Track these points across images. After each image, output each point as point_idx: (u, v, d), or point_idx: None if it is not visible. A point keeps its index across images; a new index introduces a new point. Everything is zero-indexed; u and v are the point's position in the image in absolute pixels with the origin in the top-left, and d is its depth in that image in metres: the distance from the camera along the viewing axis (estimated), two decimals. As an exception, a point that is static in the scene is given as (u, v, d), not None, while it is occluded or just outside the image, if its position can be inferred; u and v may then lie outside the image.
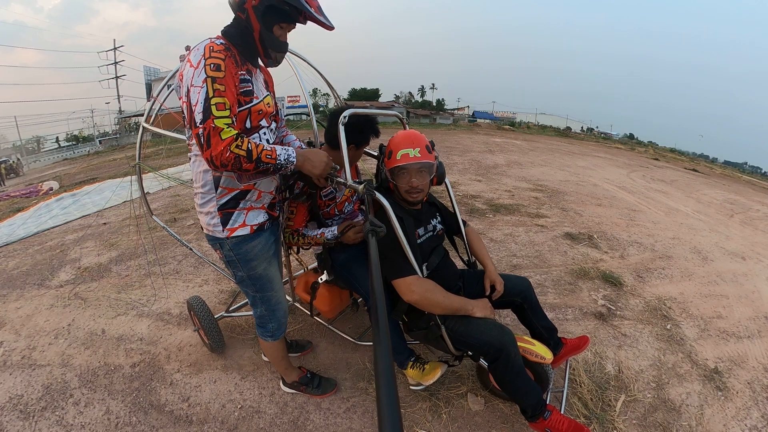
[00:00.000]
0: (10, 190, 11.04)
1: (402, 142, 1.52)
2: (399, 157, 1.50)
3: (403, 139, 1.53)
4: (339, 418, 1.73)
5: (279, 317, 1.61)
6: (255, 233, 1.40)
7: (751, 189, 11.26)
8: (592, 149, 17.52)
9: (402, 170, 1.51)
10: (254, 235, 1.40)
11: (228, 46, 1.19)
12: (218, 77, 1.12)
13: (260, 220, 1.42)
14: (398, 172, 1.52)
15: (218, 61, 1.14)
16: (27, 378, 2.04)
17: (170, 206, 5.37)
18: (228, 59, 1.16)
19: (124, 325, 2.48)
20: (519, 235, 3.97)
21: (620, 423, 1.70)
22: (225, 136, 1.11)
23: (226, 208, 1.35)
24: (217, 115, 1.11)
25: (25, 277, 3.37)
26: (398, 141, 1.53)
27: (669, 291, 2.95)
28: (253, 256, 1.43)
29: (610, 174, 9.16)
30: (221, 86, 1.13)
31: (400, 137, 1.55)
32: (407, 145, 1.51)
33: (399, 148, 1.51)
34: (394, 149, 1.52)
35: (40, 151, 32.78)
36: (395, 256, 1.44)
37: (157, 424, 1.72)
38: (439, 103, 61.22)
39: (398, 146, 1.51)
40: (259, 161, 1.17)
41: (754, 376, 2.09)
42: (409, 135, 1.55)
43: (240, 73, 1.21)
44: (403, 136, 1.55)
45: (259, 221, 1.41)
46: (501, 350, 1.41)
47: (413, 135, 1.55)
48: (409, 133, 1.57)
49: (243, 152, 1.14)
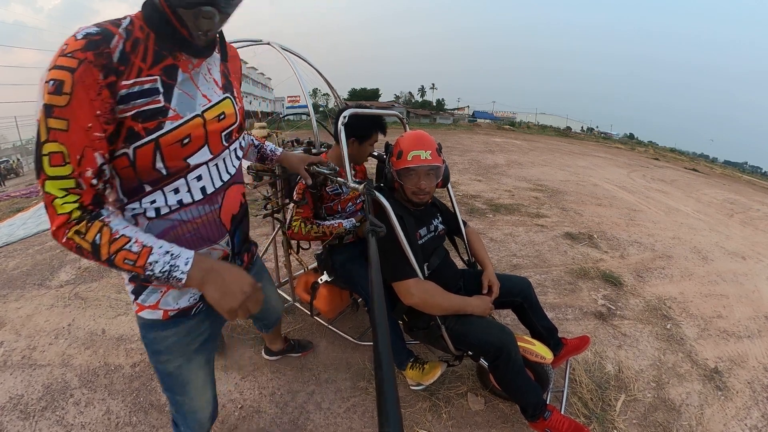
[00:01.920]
0: (10, 190, 11.04)
1: (413, 144, 1.49)
2: (410, 158, 1.47)
3: (415, 140, 1.50)
4: (339, 418, 1.73)
5: (193, 427, 1.09)
6: (170, 320, 0.92)
7: (751, 189, 11.26)
8: (592, 149, 17.52)
9: (411, 172, 1.48)
10: (168, 323, 0.92)
11: (108, 37, 0.69)
12: (57, 105, 0.64)
13: (183, 304, 0.93)
14: (407, 173, 1.49)
15: (63, 75, 0.64)
16: (27, 378, 2.04)
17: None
18: (86, 67, 0.65)
19: (125, 325, 2.48)
20: (519, 235, 3.97)
21: (620, 423, 1.70)
22: (59, 212, 0.68)
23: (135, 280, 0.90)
24: (50, 173, 0.66)
25: (26, 277, 3.37)
26: (409, 142, 1.50)
27: (669, 291, 2.95)
28: (164, 348, 0.95)
29: (610, 174, 9.16)
30: (61, 121, 0.65)
31: (412, 138, 1.51)
32: (419, 146, 1.48)
33: (410, 149, 1.47)
34: (405, 150, 1.48)
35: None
36: (395, 258, 1.44)
37: (157, 424, 1.72)
38: (439, 103, 61.26)
39: (409, 147, 1.48)
40: (112, 264, 0.71)
41: (754, 375, 2.09)
42: (420, 136, 1.52)
43: (135, 82, 0.72)
44: (414, 137, 1.52)
45: (180, 306, 0.92)
46: (501, 350, 1.41)
47: (424, 137, 1.52)
48: (420, 134, 1.54)
49: (86, 244, 0.69)
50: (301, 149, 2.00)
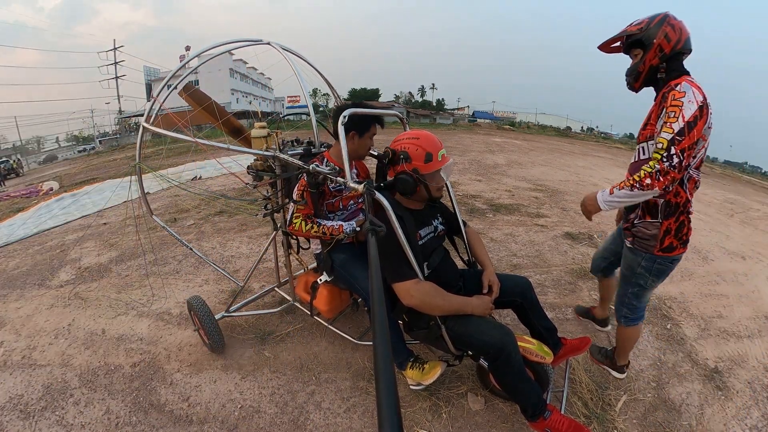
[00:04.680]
0: (10, 190, 11.04)
1: (436, 144, 1.53)
2: (440, 158, 1.52)
3: (434, 140, 1.54)
4: (339, 417, 1.73)
5: None
6: None
7: (751, 189, 11.27)
8: (593, 149, 17.53)
9: (441, 171, 1.53)
10: None
11: None
12: None
13: None
14: (437, 173, 1.53)
15: None
16: (27, 378, 2.04)
17: (170, 206, 5.36)
18: None
19: (124, 325, 2.48)
20: (519, 235, 3.97)
21: (620, 423, 1.70)
22: None
23: None
24: None
25: (26, 277, 3.37)
26: (431, 143, 1.52)
27: (669, 290, 2.95)
28: None
29: (610, 174, 9.16)
30: None
31: (430, 139, 1.53)
32: (439, 146, 1.53)
33: (437, 150, 1.51)
34: (434, 151, 1.50)
35: (40, 151, 32.83)
36: (395, 259, 1.44)
37: (157, 423, 1.72)
38: (439, 103, 61.23)
39: (437, 148, 1.52)
40: None
41: (754, 375, 2.09)
42: (433, 137, 1.56)
43: None
44: (430, 138, 1.54)
45: None
46: (501, 350, 1.41)
47: (434, 136, 1.57)
48: (430, 134, 1.57)
49: None
50: (301, 149, 2.00)
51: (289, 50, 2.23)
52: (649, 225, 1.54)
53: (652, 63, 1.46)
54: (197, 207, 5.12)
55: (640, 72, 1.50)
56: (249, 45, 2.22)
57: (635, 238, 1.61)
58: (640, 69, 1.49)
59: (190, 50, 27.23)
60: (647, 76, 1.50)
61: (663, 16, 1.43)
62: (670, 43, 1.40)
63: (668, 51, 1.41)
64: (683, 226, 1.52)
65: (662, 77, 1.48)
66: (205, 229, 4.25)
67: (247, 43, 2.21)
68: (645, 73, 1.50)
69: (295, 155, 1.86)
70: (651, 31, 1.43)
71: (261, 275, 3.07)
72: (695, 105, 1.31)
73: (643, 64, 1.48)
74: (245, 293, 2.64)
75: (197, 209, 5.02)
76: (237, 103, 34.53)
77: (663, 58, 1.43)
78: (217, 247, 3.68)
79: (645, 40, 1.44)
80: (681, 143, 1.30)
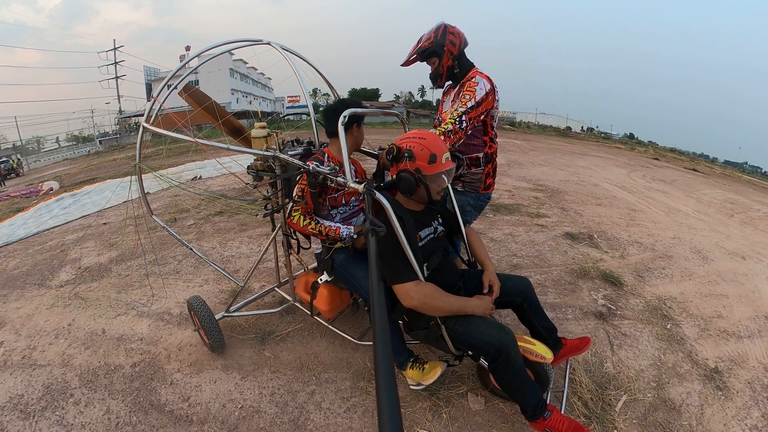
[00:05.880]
0: (10, 190, 11.04)
1: (441, 147, 1.50)
2: (444, 161, 1.49)
3: (439, 143, 1.51)
4: (339, 418, 1.73)
5: None
6: None
7: (751, 189, 11.25)
8: (593, 149, 17.52)
9: (443, 173, 1.51)
10: None
11: None
12: None
13: None
14: (438, 176, 1.51)
15: None
16: (27, 378, 2.04)
17: (170, 206, 5.37)
18: None
19: (125, 325, 2.48)
20: (519, 235, 3.97)
21: (620, 423, 1.70)
22: None
23: None
24: None
25: (26, 277, 3.37)
26: (437, 145, 1.49)
27: (669, 290, 2.95)
28: None
29: (610, 174, 9.16)
30: None
31: (436, 141, 1.50)
32: (445, 149, 1.51)
33: (442, 153, 1.49)
34: (438, 153, 1.48)
35: (40, 151, 32.83)
36: (395, 260, 1.44)
37: (157, 423, 1.72)
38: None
39: (441, 150, 1.49)
40: None
41: (754, 375, 2.09)
42: (439, 139, 1.54)
43: None
44: (436, 140, 1.52)
45: None
46: (501, 350, 1.41)
47: (440, 139, 1.55)
48: (436, 136, 1.55)
49: None
50: (301, 149, 2.01)
51: (289, 50, 2.23)
52: (475, 173, 1.98)
53: (448, 64, 1.86)
54: (197, 207, 5.12)
55: (441, 74, 1.89)
56: (249, 45, 2.22)
57: (464, 183, 2.02)
58: (440, 71, 1.88)
59: (190, 50, 27.22)
60: (447, 75, 1.90)
61: (444, 27, 1.81)
62: (456, 46, 1.81)
63: (456, 52, 1.82)
64: (494, 169, 2.02)
65: (458, 72, 1.88)
66: (205, 229, 4.25)
67: (247, 43, 2.21)
68: (445, 74, 1.89)
69: (295, 155, 1.86)
70: (439, 41, 1.81)
71: (261, 275, 3.07)
72: (484, 91, 1.75)
73: (441, 67, 1.87)
74: (245, 293, 2.64)
75: (197, 209, 5.02)
76: (237, 103, 34.49)
77: (454, 58, 1.84)
78: (217, 247, 3.69)
79: (437, 49, 1.82)
80: (470, 114, 1.73)
